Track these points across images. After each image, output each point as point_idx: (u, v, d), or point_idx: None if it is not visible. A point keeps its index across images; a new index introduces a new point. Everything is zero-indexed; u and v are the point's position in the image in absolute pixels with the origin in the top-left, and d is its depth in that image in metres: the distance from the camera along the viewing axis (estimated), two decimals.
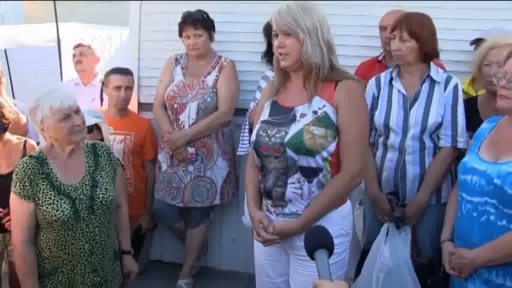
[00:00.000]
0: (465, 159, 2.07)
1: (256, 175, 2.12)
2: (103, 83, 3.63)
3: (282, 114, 2.01)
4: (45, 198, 2.09)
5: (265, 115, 2.08)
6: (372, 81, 2.69)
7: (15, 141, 2.74)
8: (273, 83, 2.13)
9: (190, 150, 3.31)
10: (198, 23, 3.27)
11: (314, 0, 2.02)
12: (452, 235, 2.12)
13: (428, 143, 2.54)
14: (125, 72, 3.49)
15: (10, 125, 2.71)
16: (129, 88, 3.47)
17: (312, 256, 1.30)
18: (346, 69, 2.04)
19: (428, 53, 2.50)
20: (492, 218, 1.89)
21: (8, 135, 2.72)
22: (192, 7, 3.36)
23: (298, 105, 1.99)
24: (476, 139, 2.09)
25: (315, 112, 1.94)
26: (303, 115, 1.95)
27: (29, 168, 2.10)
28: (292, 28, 1.91)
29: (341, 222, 2.01)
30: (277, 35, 1.97)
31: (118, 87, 3.42)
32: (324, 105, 1.95)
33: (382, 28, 3.08)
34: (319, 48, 1.92)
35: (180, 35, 3.36)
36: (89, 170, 2.22)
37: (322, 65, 1.93)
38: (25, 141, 2.76)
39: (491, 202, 1.89)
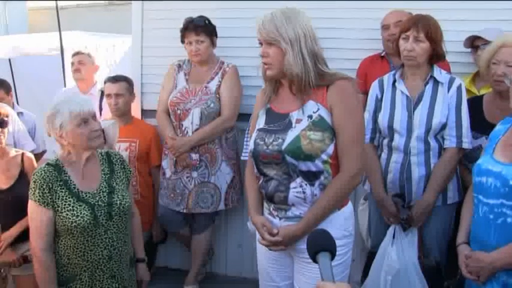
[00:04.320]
0: (479, 161, 2.03)
1: (255, 182, 2.12)
2: (102, 92, 3.66)
3: (278, 121, 2.00)
4: (65, 204, 2.10)
5: (260, 123, 2.07)
6: (375, 84, 2.68)
7: (13, 153, 2.72)
8: (264, 91, 2.11)
9: (194, 156, 3.30)
10: (200, 29, 3.27)
11: (318, 0, 1.99)
12: (468, 238, 2.08)
13: (433, 143, 2.53)
14: (115, 79, 3.48)
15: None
16: (120, 95, 3.44)
17: (314, 259, 1.30)
18: (338, 71, 2.00)
19: (438, 55, 2.49)
20: (509, 220, 1.85)
21: (5, 147, 2.69)
22: (194, 13, 3.37)
23: (293, 111, 1.98)
24: (491, 141, 2.05)
25: (310, 116, 1.94)
26: (298, 120, 1.95)
27: (48, 176, 2.10)
28: (274, 37, 1.89)
29: (344, 224, 2.01)
30: (261, 43, 1.96)
31: (109, 96, 3.45)
32: (318, 109, 1.94)
33: (385, 27, 3.08)
34: (301, 59, 1.89)
35: (182, 41, 3.36)
36: (105, 177, 2.24)
37: (304, 76, 1.90)
38: (22, 154, 2.73)
39: (508, 204, 1.85)
